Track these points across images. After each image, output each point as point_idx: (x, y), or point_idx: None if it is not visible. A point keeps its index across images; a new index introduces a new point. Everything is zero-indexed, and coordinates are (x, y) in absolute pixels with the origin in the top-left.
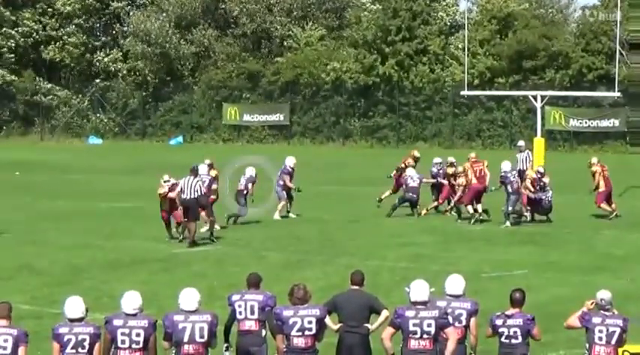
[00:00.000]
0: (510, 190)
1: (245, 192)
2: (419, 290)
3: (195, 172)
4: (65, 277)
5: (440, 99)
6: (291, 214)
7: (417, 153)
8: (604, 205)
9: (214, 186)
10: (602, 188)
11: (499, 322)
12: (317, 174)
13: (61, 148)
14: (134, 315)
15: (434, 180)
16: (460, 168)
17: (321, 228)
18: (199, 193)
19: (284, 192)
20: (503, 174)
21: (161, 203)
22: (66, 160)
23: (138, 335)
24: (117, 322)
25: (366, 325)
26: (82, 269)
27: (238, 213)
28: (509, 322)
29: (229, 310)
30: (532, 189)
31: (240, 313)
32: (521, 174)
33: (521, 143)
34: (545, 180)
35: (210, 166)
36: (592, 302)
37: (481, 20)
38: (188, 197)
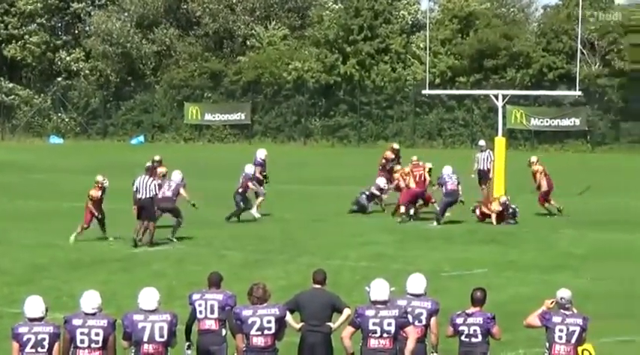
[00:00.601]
0: (444, 191)
1: (241, 189)
2: (379, 289)
3: (150, 171)
4: (26, 276)
5: (401, 99)
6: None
7: (395, 145)
8: (548, 205)
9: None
10: (544, 187)
11: (459, 320)
12: (278, 173)
13: (22, 148)
14: (93, 315)
15: (392, 186)
16: (398, 167)
17: (283, 227)
18: (154, 193)
19: (262, 188)
20: (440, 175)
21: (89, 203)
22: (27, 160)
23: (97, 334)
24: (76, 321)
25: (328, 324)
26: (43, 268)
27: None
28: (470, 320)
29: (190, 309)
30: (503, 219)
31: (201, 312)
32: (483, 173)
33: (482, 142)
34: (512, 207)
35: (159, 162)
36: (552, 301)
37: (442, 19)
38: (143, 197)
